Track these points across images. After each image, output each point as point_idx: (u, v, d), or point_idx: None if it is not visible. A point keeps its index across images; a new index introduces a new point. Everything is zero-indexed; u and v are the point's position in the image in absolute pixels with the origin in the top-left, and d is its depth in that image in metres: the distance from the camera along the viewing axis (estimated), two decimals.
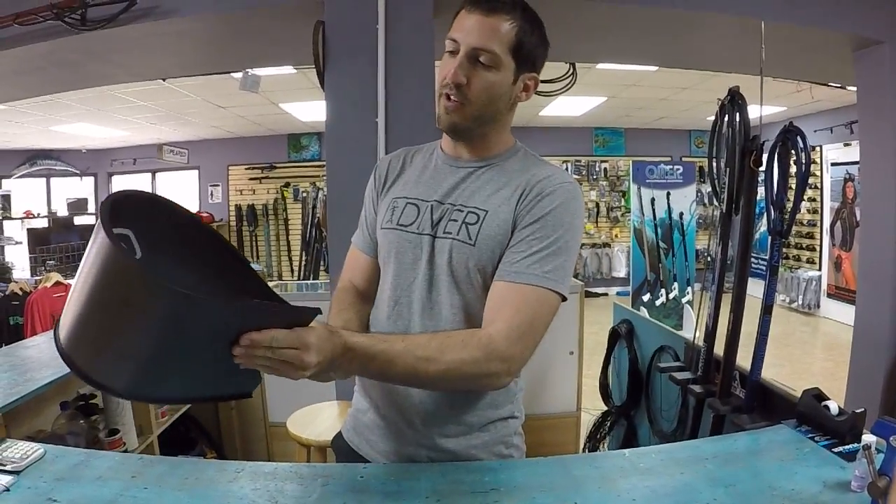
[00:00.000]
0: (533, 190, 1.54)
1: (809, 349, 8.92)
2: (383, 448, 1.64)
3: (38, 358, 3.11)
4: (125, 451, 3.19)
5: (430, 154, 1.75)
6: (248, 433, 4.64)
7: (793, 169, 2.79)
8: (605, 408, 4.27)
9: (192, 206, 12.45)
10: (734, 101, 2.98)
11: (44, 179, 12.63)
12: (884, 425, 1.49)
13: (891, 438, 1.40)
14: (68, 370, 2.77)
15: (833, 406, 1.75)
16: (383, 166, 1.79)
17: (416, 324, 1.58)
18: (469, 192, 1.60)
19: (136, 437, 3.41)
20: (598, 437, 4.14)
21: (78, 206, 12.16)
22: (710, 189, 3.16)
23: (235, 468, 1.55)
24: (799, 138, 2.70)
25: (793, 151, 2.76)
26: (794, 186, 2.79)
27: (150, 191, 1.38)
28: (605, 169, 12.88)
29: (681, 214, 9.36)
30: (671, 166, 9.55)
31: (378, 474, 1.52)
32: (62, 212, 12.10)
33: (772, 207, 2.80)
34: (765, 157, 2.86)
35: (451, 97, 1.52)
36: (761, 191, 2.89)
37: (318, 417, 3.17)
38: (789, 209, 2.80)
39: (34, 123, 9.29)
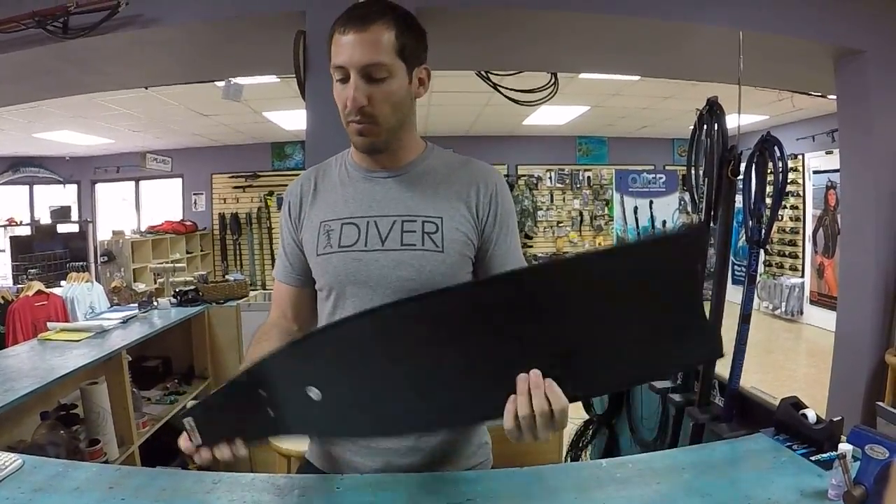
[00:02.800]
0: (483, 190, 1.64)
1: (793, 356, 8.96)
2: (370, 465, 1.62)
3: (19, 367, 3.09)
4: (105, 462, 3.18)
5: (342, 167, 1.73)
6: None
7: (771, 178, 2.81)
8: (587, 416, 4.27)
9: (176, 214, 12.42)
10: (712, 110, 3.00)
11: (27, 187, 12.55)
12: (859, 434, 1.49)
13: (866, 447, 1.41)
14: (50, 380, 2.78)
15: (811, 414, 1.76)
16: (295, 191, 1.75)
17: None
18: (409, 201, 1.61)
19: (118, 448, 3.40)
20: (581, 445, 4.14)
21: (61, 213, 12.07)
22: (690, 198, 3.20)
23: (213, 479, 1.54)
24: (776, 147, 2.72)
25: (770, 161, 2.78)
26: (772, 195, 2.81)
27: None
28: (589, 178, 12.90)
29: (664, 223, 9.40)
30: (654, 175, 9.61)
31: (355, 485, 1.52)
32: (45, 219, 12.02)
33: (749, 217, 2.82)
34: (743, 166, 2.88)
35: (358, 122, 1.53)
36: (741, 199, 2.91)
37: None
38: (767, 218, 2.81)
39: (17, 130, 9.23)
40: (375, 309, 1.28)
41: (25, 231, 11.67)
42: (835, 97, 4.65)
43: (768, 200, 2.81)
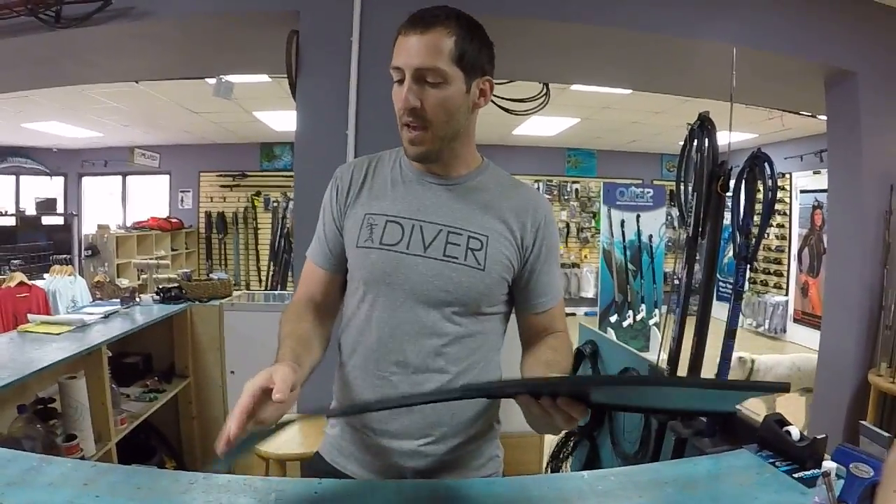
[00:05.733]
0: (532, 219, 1.65)
1: None
2: (377, 464, 1.63)
3: None
4: (82, 458, 3.14)
5: (395, 164, 1.71)
6: (209, 443, 4.57)
7: (760, 195, 2.80)
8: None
9: (162, 211, 12.38)
10: (703, 125, 3.00)
11: (13, 177, 12.46)
12: (844, 452, 1.49)
13: (851, 466, 1.40)
14: (28, 372, 2.75)
15: (794, 431, 1.75)
16: (345, 177, 1.73)
17: (415, 346, 1.58)
18: (458, 213, 1.61)
19: (94, 444, 3.36)
20: (561, 457, 4.13)
21: (46, 205, 12.01)
22: (679, 212, 3.21)
23: (189, 479, 1.51)
24: (766, 164, 2.72)
25: (760, 178, 2.77)
26: (760, 212, 2.80)
27: None
28: (577, 190, 12.96)
29: (650, 237, 9.41)
30: (642, 189, 9.62)
31: (333, 490, 1.49)
32: (30, 211, 11.94)
33: (738, 233, 2.81)
34: (732, 182, 2.87)
35: (412, 125, 1.53)
36: (728, 215, 2.91)
37: None
38: (755, 235, 2.81)
39: (5, 119, 9.17)
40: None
41: (10, 222, 11.57)
42: (825, 117, 4.67)
43: (756, 218, 2.81)
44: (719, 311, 3.12)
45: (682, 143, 3.18)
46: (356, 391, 1.64)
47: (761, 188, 2.77)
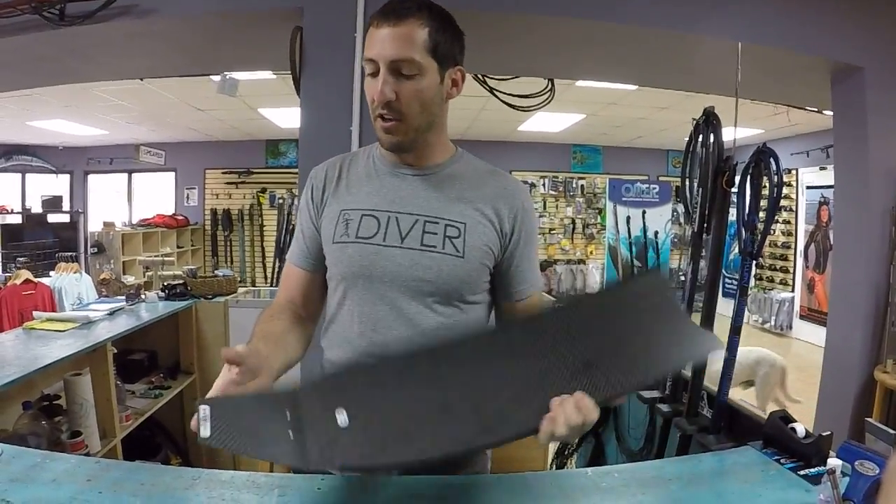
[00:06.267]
0: (510, 206, 1.64)
1: None
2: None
3: (3, 356, 3.04)
4: (87, 454, 3.14)
5: (369, 159, 1.73)
6: None
7: (766, 190, 2.79)
8: None
9: (168, 208, 12.41)
10: (708, 120, 2.99)
11: (19, 175, 12.48)
12: (849, 450, 1.48)
13: (856, 463, 1.39)
14: (33, 369, 2.75)
15: (799, 428, 1.74)
16: (319, 176, 1.75)
17: (397, 339, 1.57)
18: (434, 202, 1.61)
19: (100, 441, 3.36)
20: (566, 453, 4.13)
21: (52, 203, 12.04)
22: (684, 208, 3.23)
23: (192, 475, 1.52)
24: (772, 160, 2.71)
25: (765, 173, 2.76)
26: (766, 208, 2.79)
27: None
28: (583, 186, 12.92)
29: (655, 233, 9.41)
30: (648, 185, 9.63)
31: (336, 486, 1.49)
32: (36, 208, 11.97)
33: (743, 228, 2.80)
34: (737, 178, 2.86)
35: (386, 117, 1.53)
36: (734, 211, 2.90)
37: None
38: (761, 230, 2.80)
39: (11, 117, 9.19)
40: (421, 346, 1.36)
41: (16, 219, 11.61)
42: (831, 113, 4.65)
43: (762, 214, 2.80)
44: (725, 307, 3.11)
45: (687, 138, 3.17)
46: None
47: (767, 184, 2.77)
